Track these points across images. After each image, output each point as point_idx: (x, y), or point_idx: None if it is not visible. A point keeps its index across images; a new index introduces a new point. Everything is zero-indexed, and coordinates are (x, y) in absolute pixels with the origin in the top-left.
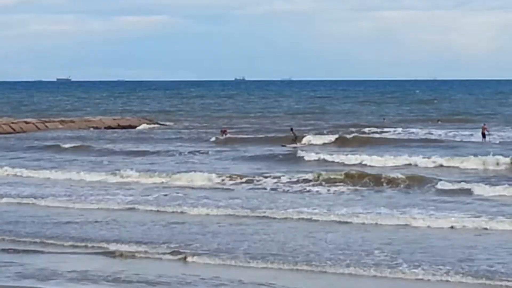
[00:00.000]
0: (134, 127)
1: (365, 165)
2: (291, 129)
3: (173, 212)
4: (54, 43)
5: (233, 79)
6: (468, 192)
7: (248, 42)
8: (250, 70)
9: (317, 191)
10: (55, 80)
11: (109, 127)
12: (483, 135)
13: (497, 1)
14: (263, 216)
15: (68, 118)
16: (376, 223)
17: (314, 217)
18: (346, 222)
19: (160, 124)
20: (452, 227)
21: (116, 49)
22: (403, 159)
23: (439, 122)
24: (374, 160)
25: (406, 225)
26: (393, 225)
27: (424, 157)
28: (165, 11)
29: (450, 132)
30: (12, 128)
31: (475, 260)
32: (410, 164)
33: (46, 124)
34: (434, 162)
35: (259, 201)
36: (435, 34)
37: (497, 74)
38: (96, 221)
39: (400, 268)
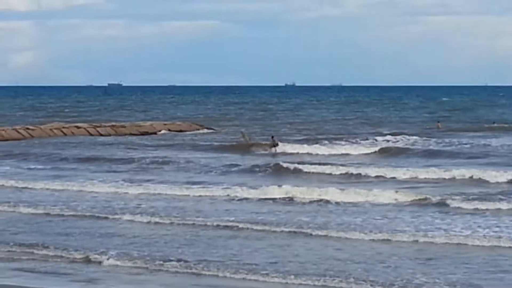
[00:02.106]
0: (185, 131)
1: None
2: (272, 137)
3: None
4: (104, 48)
5: (283, 84)
6: None
7: (297, 48)
8: (300, 76)
9: None
10: (106, 85)
11: (159, 131)
12: None
13: None
14: None
15: (119, 123)
16: None
17: None
18: None
19: (211, 129)
20: None
21: (166, 54)
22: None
23: (494, 124)
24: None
25: None
26: None
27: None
28: (215, 16)
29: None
30: (63, 133)
31: None
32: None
33: (97, 129)
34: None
35: None
36: (483, 39)
37: None
38: None
39: None
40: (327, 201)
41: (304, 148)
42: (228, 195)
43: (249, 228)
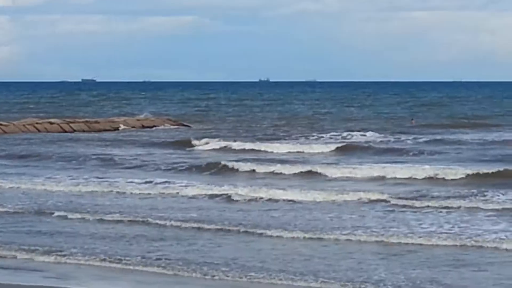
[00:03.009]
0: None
1: None
2: (234, 140)
3: None
4: (80, 43)
5: (257, 80)
6: None
7: (274, 43)
8: (275, 71)
9: None
10: (80, 80)
11: (133, 127)
12: None
13: None
14: None
15: (92, 119)
16: None
17: None
18: None
19: (185, 126)
20: None
21: (143, 50)
22: None
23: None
24: None
25: None
26: None
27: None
28: (193, 12)
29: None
30: (37, 129)
31: None
32: None
33: (71, 125)
34: None
35: None
36: (464, 34)
37: None
38: None
39: None
40: (270, 199)
41: (262, 146)
42: (169, 193)
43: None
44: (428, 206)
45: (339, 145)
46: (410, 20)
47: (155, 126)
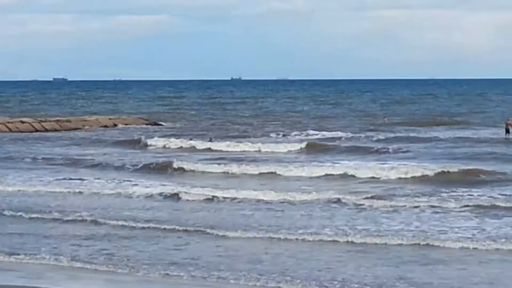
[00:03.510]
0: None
1: None
2: (210, 139)
3: None
4: (51, 43)
5: (229, 78)
6: None
7: (246, 42)
8: (247, 70)
9: None
10: (51, 79)
11: (105, 127)
12: (507, 131)
13: (496, 0)
14: None
15: (64, 117)
16: None
17: None
18: None
19: (157, 124)
20: None
21: (114, 49)
22: None
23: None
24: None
25: None
26: None
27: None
28: (164, 11)
29: None
30: (8, 128)
31: None
32: None
33: (42, 123)
34: None
35: None
36: (434, 33)
37: (497, 73)
38: None
39: None
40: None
41: (224, 145)
42: (119, 192)
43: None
44: (392, 206)
45: (307, 143)
46: (380, 19)
47: (127, 124)
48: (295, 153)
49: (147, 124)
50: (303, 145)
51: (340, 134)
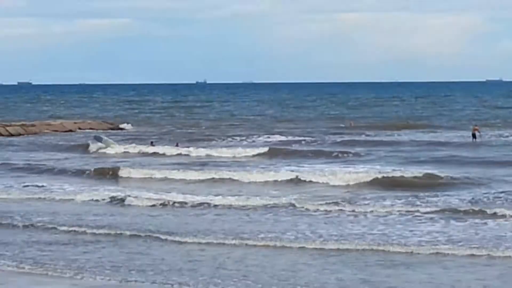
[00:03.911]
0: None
1: None
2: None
3: None
4: (15, 46)
5: (194, 82)
6: None
7: (210, 45)
8: (212, 73)
9: None
10: (15, 83)
11: (70, 131)
12: (474, 136)
13: (455, 4)
14: None
15: (29, 122)
16: None
17: None
18: None
19: (120, 129)
20: None
21: (79, 52)
22: None
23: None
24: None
25: None
26: None
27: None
28: (128, 14)
29: None
30: None
31: None
32: None
33: (7, 128)
34: None
35: None
36: (392, 36)
37: (456, 76)
38: None
39: None
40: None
41: (179, 150)
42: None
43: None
44: (353, 210)
45: (269, 148)
46: (340, 22)
47: (92, 128)
48: (256, 158)
49: (111, 128)
50: (265, 149)
51: (303, 138)
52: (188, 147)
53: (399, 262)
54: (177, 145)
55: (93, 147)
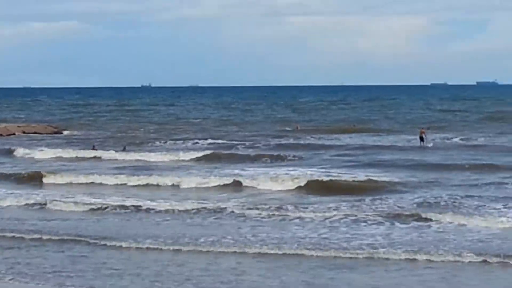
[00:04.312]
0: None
1: None
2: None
3: None
4: None
5: (140, 85)
6: None
7: (156, 49)
8: (157, 77)
9: None
10: None
11: (13, 134)
12: (421, 139)
13: (402, 7)
14: None
15: None
16: None
17: None
18: None
19: (59, 133)
20: None
21: (23, 56)
22: None
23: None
24: None
25: None
26: None
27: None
28: (74, 17)
29: None
30: None
31: None
32: None
33: None
34: None
35: None
36: (343, 39)
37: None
38: None
39: None
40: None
41: (112, 154)
42: None
43: None
44: (295, 215)
45: (208, 151)
46: (290, 25)
47: (36, 132)
48: (196, 162)
49: (56, 132)
50: (206, 153)
51: (248, 141)
52: (123, 150)
53: (342, 265)
54: (94, 148)
55: (19, 151)
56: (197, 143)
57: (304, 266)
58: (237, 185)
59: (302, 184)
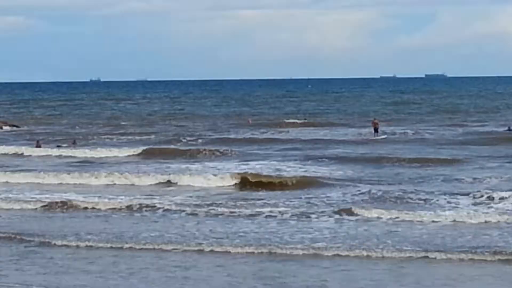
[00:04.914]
0: None
1: None
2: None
3: None
4: None
5: (88, 80)
6: None
7: (104, 43)
8: (106, 71)
9: None
10: None
11: None
12: (375, 130)
13: (350, 0)
14: None
15: None
16: None
17: None
18: None
19: (13, 126)
20: None
21: None
22: None
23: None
24: None
25: None
26: None
27: None
28: (18, 12)
29: None
30: None
31: None
32: None
33: None
34: None
35: None
36: (291, 32)
37: (351, 73)
38: None
39: None
40: None
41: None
42: None
43: None
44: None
45: (144, 148)
46: (237, 19)
47: None
48: (131, 158)
49: (4, 126)
50: (139, 150)
51: (195, 137)
52: (58, 146)
53: (289, 259)
54: (38, 145)
55: None
56: (144, 138)
57: (251, 260)
58: (173, 181)
59: (238, 180)
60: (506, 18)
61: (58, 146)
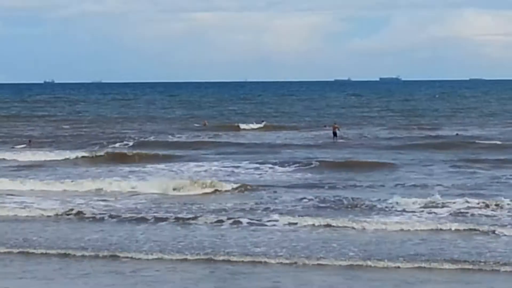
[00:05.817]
0: None
1: None
2: (29, 141)
3: None
4: None
5: (42, 81)
6: None
7: (58, 44)
8: (60, 73)
9: None
10: None
11: None
12: (334, 134)
13: (306, 3)
14: None
15: None
16: None
17: None
18: None
19: None
20: None
21: None
22: None
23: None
24: None
25: None
26: None
27: None
28: None
29: None
30: None
31: None
32: None
33: None
34: None
35: None
36: (246, 35)
37: (306, 76)
38: None
39: None
40: None
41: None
42: None
43: None
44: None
45: (105, 152)
46: (192, 21)
47: None
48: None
49: None
50: (81, 154)
51: (141, 139)
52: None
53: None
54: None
55: None
56: (95, 142)
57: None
58: (107, 187)
59: (174, 185)
60: (461, 22)
61: (12, 148)
